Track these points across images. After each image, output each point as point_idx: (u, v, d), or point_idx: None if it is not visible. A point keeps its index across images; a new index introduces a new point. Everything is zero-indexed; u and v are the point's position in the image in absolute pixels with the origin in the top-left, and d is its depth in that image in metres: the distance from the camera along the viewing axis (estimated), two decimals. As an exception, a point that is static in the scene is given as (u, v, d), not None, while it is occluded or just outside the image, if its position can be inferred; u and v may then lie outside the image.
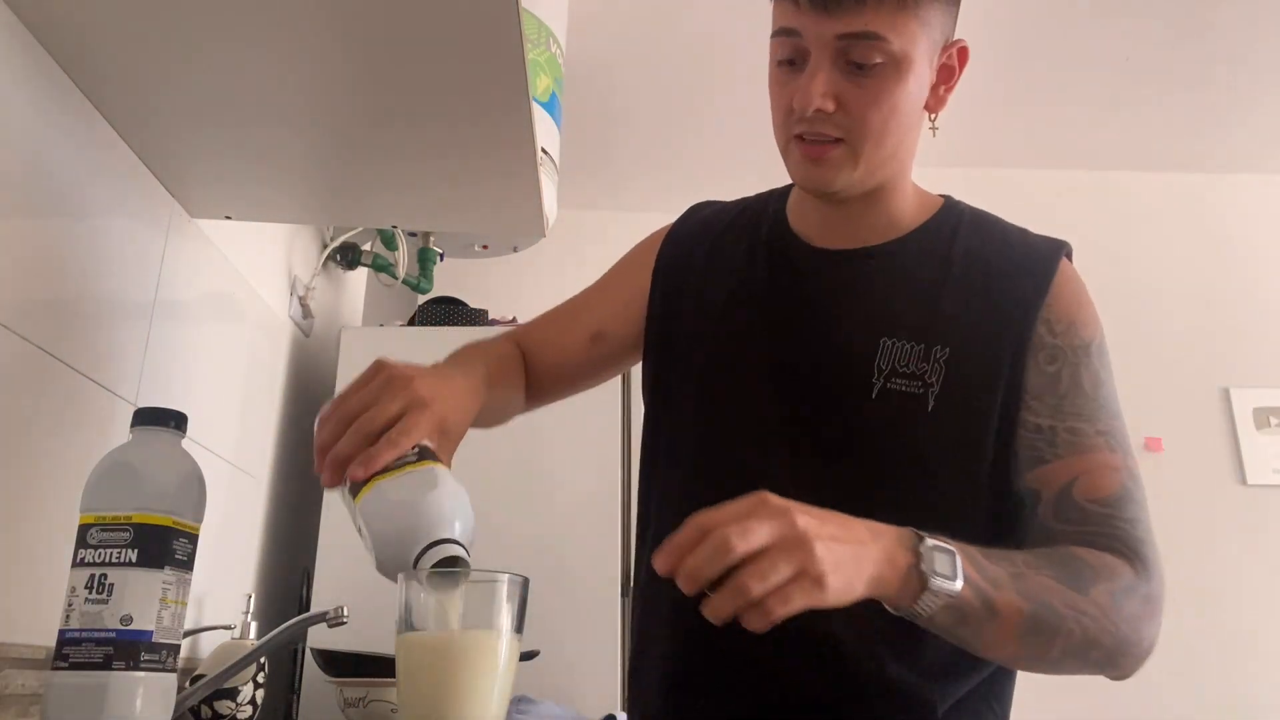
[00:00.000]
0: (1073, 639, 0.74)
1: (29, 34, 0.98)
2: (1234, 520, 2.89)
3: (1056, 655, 0.75)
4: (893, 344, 0.86)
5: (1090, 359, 0.87)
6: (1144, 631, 0.78)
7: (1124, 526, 0.81)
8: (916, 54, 0.83)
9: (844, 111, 0.83)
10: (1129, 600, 0.77)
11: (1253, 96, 2.89)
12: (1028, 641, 0.74)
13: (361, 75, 1.03)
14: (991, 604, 0.71)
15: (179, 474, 0.78)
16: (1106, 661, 0.77)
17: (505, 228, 1.48)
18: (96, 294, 1.14)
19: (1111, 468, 0.83)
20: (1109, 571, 0.77)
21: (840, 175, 0.87)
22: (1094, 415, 0.85)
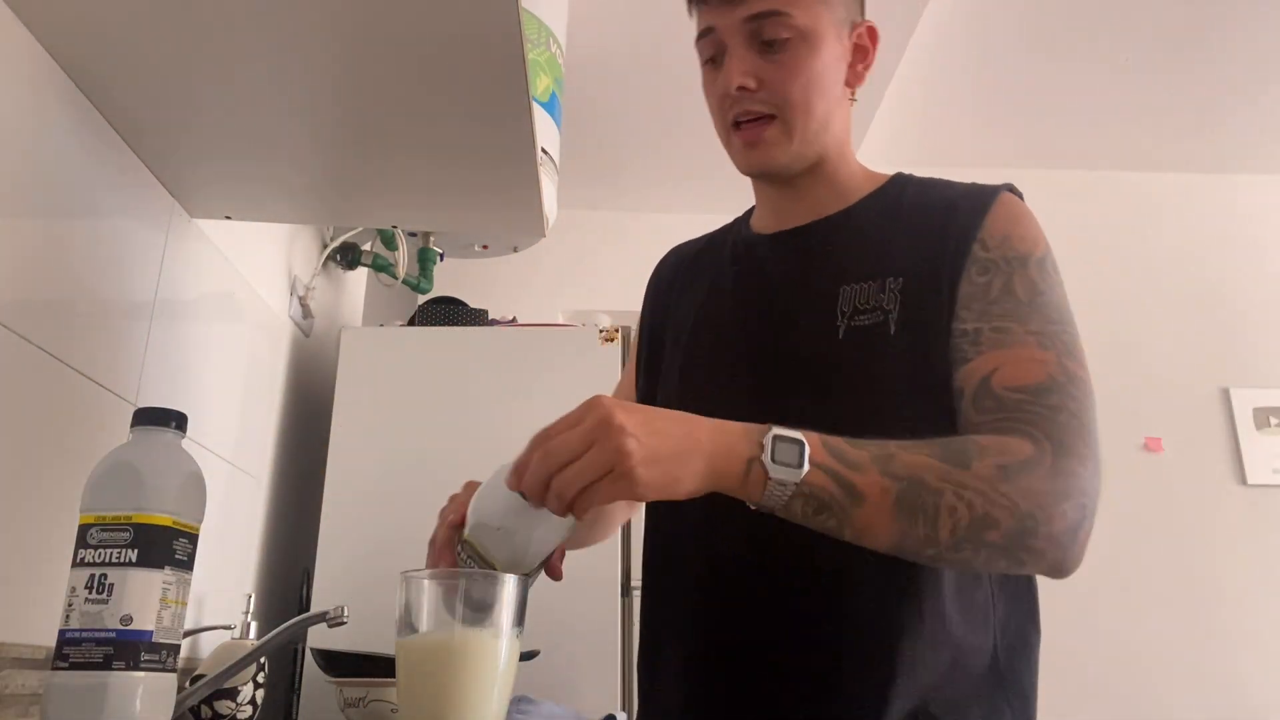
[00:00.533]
0: (958, 516, 0.70)
1: (30, 35, 0.98)
2: (1234, 520, 2.89)
3: (949, 538, 0.70)
4: (851, 288, 0.89)
5: (1027, 269, 0.85)
6: (1055, 508, 0.72)
7: (1041, 412, 0.76)
8: (822, 28, 0.91)
9: (767, 88, 0.90)
10: (1026, 475, 0.72)
11: (1252, 96, 2.89)
12: (906, 523, 0.70)
13: (362, 76, 1.03)
14: (852, 486, 0.70)
15: (179, 474, 0.78)
16: (1015, 545, 0.71)
17: (505, 228, 1.48)
18: (96, 294, 1.14)
19: (1038, 360, 0.79)
20: (1000, 448, 0.74)
21: (779, 150, 0.92)
22: (1025, 318, 0.82)
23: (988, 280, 0.85)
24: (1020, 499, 0.71)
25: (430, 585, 0.70)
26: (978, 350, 0.82)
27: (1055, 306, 0.84)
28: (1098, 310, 3.11)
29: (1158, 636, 2.77)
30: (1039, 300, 0.84)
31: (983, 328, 0.82)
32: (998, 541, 0.71)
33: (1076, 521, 0.73)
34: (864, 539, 0.73)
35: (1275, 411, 2.99)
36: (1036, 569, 0.75)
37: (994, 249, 0.86)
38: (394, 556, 1.55)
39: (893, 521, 0.71)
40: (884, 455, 0.71)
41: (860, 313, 0.88)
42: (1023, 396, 0.77)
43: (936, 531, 0.71)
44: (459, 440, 1.78)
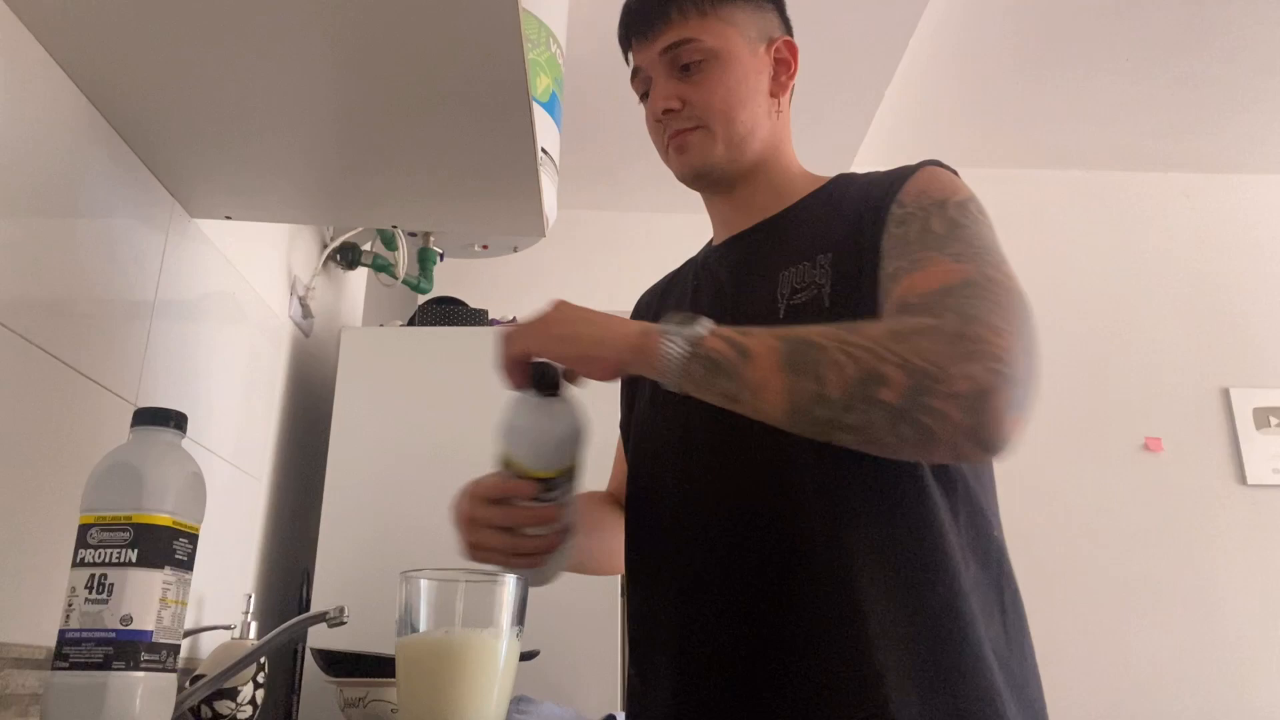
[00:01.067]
0: (845, 371, 0.69)
1: (30, 35, 0.98)
2: (1234, 520, 2.89)
3: (840, 395, 0.69)
4: (788, 271, 0.93)
5: (946, 211, 0.85)
6: (954, 367, 0.67)
7: (948, 301, 0.73)
8: (732, 47, 0.99)
9: (689, 105, 0.99)
10: (921, 337, 0.70)
11: (1252, 96, 2.89)
12: (794, 377, 0.70)
13: (362, 76, 1.03)
14: (743, 346, 0.73)
15: (179, 474, 0.78)
16: (913, 405, 0.67)
17: (505, 228, 1.47)
18: (96, 294, 1.14)
19: (953, 270, 0.77)
20: (894, 319, 0.74)
21: (706, 151, 0.99)
22: (944, 245, 0.81)
23: (905, 229, 0.86)
24: (912, 356, 0.68)
25: (430, 585, 0.70)
26: (896, 284, 0.81)
27: (979, 236, 0.82)
28: (1098, 310, 3.11)
29: (1157, 636, 2.77)
30: (959, 232, 0.82)
31: (903, 265, 0.82)
32: (892, 401, 0.67)
33: (989, 385, 0.66)
34: (760, 402, 0.73)
35: (1275, 411, 2.99)
36: (951, 442, 0.68)
37: (910, 204, 0.88)
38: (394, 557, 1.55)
39: (781, 376, 0.71)
40: (776, 331, 0.75)
41: (797, 291, 0.91)
42: (932, 296, 0.75)
43: (824, 387, 0.69)
44: (459, 440, 1.78)
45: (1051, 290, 3.11)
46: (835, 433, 0.71)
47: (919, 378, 0.67)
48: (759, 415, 0.74)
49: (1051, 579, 2.78)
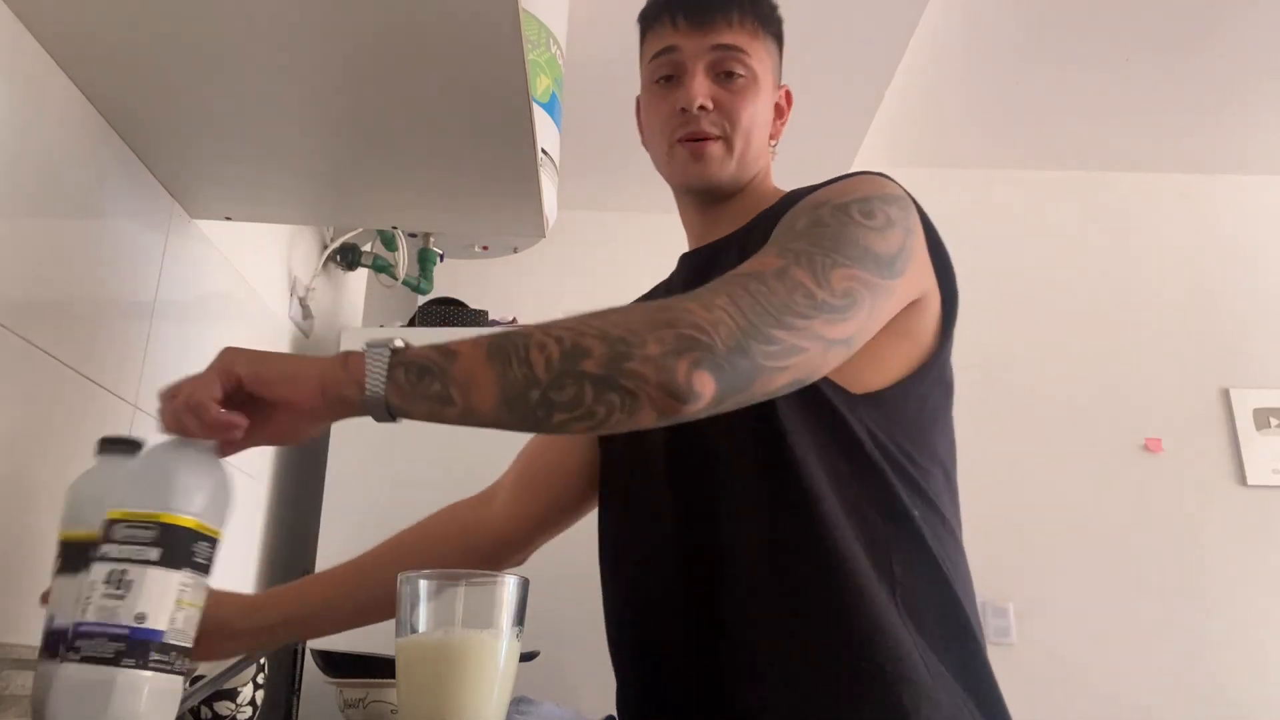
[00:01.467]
0: (549, 350, 0.70)
1: (30, 36, 0.98)
2: (1234, 520, 2.89)
3: (547, 375, 0.70)
4: None
5: (819, 211, 0.85)
6: (651, 334, 0.70)
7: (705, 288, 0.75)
8: (764, 77, 1.01)
9: (719, 111, 0.98)
10: (620, 312, 0.73)
11: (1253, 97, 2.89)
12: (501, 366, 0.70)
13: (362, 76, 1.03)
14: (446, 347, 0.72)
15: (211, 479, 0.76)
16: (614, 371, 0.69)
17: (505, 228, 1.48)
18: (96, 294, 1.14)
19: (761, 263, 0.79)
20: (601, 309, 0.74)
21: (720, 168, 0.99)
22: (789, 241, 0.81)
23: (788, 223, 0.86)
24: (610, 328, 0.71)
25: (430, 586, 0.70)
26: None
27: (832, 238, 0.81)
28: (1098, 311, 3.11)
29: (1156, 637, 2.77)
30: (815, 230, 0.82)
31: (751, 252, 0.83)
32: (595, 371, 0.69)
33: (679, 346, 0.70)
34: (471, 397, 0.71)
35: (1275, 412, 2.99)
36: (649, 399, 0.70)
37: (799, 207, 0.88)
38: (394, 557, 1.54)
39: (489, 367, 0.70)
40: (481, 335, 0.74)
41: None
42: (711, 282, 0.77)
43: (532, 369, 0.70)
44: (459, 441, 1.78)
45: (1051, 290, 3.11)
46: (551, 413, 0.71)
47: (615, 345, 0.70)
48: (471, 415, 0.72)
49: (1051, 579, 2.78)
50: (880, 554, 0.84)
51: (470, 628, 0.69)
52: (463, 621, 0.69)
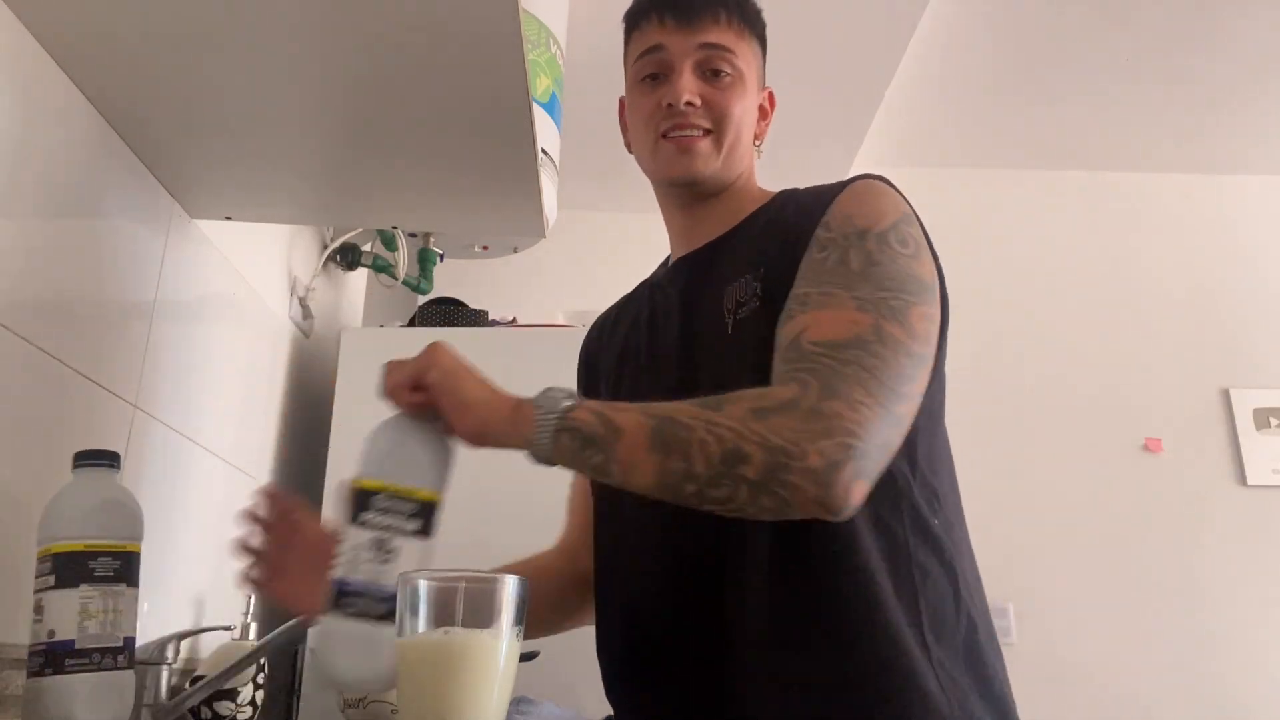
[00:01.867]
0: (710, 450, 0.73)
1: (30, 36, 0.98)
2: (1234, 520, 2.89)
3: (705, 471, 0.73)
4: (733, 286, 0.94)
5: (865, 243, 0.86)
6: (810, 445, 0.72)
7: (829, 363, 0.77)
8: (749, 77, 1.01)
9: (707, 107, 0.98)
10: (779, 415, 0.74)
11: (1253, 96, 2.89)
12: (662, 455, 0.74)
13: (362, 76, 1.03)
14: (611, 422, 0.76)
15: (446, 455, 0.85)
16: (771, 479, 0.72)
17: (505, 228, 1.48)
18: (96, 294, 1.14)
19: (851, 320, 0.80)
20: (759, 395, 0.77)
21: (707, 163, 0.99)
22: (854, 285, 0.83)
23: (825, 255, 0.87)
24: (770, 434, 0.73)
25: (430, 586, 0.70)
26: (803, 310, 0.84)
27: (891, 276, 0.84)
28: (1098, 311, 3.11)
29: (1156, 637, 2.77)
30: (872, 270, 0.84)
31: (811, 292, 0.85)
32: (752, 477, 0.73)
33: (837, 460, 0.72)
34: (630, 476, 0.76)
35: (1275, 412, 2.99)
36: (803, 507, 0.74)
37: (835, 228, 0.89)
38: (394, 557, 1.54)
39: (650, 454, 0.75)
40: (646, 407, 0.77)
41: (741, 306, 0.93)
42: (821, 350, 0.79)
43: (691, 465, 0.74)
44: (459, 441, 1.78)
45: (1051, 290, 3.11)
46: (702, 504, 0.76)
47: (776, 455, 0.73)
48: (627, 487, 0.78)
49: (1051, 579, 2.78)
50: (902, 567, 0.84)
51: (470, 628, 0.69)
52: (463, 621, 0.69)
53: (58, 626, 0.83)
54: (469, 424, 0.79)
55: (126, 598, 0.87)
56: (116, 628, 0.85)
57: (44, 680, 0.82)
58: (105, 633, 0.84)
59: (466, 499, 1.81)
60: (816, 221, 0.91)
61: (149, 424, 1.26)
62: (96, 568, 0.84)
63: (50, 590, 0.84)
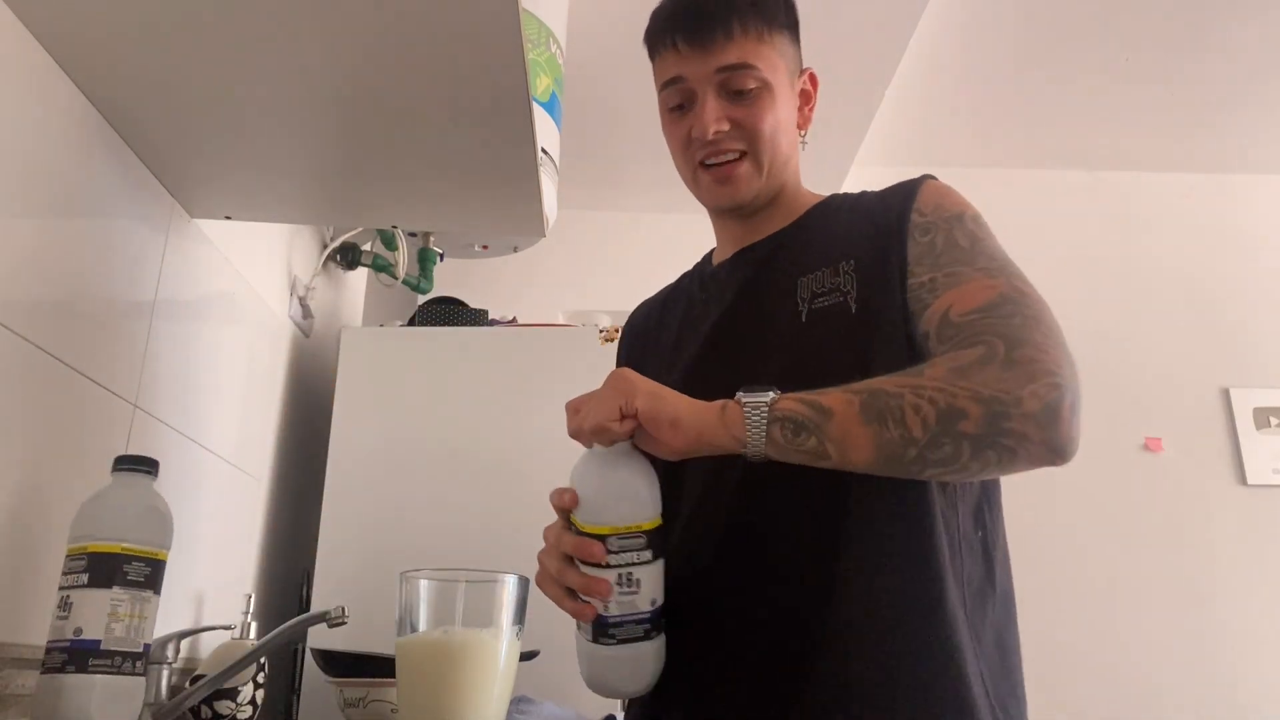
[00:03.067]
0: (924, 412, 0.74)
1: (30, 36, 0.98)
2: (1234, 520, 2.89)
3: (924, 434, 0.74)
4: (808, 278, 0.95)
5: (964, 224, 0.90)
6: (1021, 390, 0.74)
7: (993, 321, 0.79)
8: (779, 80, 0.98)
9: (738, 128, 0.97)
10: (979, 369, 0.75)
11: (1253, 96, 2.89)
12: (878, 426, 0.75)
13: (362, 76, 1.03)
14: (819, 404, 0.76)
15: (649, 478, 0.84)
16: (993, 430, 0.73)
17: (505, 228, 1.47)
18: (96, 294, 1.14)
19: (988, 286, 0.83)
20: (951, 357, 0.78)
21: (748, 186, 0.99)
22: (971, 259, 0.87)
23: (930, 238, 0.90)
24: (981, 387, 0.74)
25: (430, 585, 0.70)
26: (935, 295, 0.86)
27: (996, 250, 0.89)
28: (1098, 310, 3.11)
29: (1156, 637, 2.77)
30: (980, 246, 0.89)
31: (936, 276, 0.87)
32: (973, 431, 0.74)
33: (1054, 399, 0.74)
34: (848, 454, 0.77)
35: (1275, 411, 2.99)
36: (1031, 455, 0.75)
37: (929, 213, 0.92)
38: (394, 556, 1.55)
39: (864, 427, 0.75)
40: (846, 386, 0.78)
41: (818, 296, 0.93)
42: (976, 315, 0.81)
43: (908, 430, 0.74)
44: (459, 440, 1.78)
45: (1051, 290, 3.07)
46: (925, 469, 0.77)
47: (992, 405, 0.73)
48: (845, 466, 0.78)
49: (1051, 579, 2.78)
50: (958, 571, 0.85)
51: (470, 627, 0.69)
52: (463, 621, 0.69)
53: (85, 625, 0.83)
54: (684, 438, 0.79)
55: (151, 604, 0.88)
56: (139, 633, 0.86)
57: (65, 677, 0.82)
58: (129, 637, 0.85)
59: (466, 498, 1.81)
60: (902, 216, 0.93)
61: (149, 424, 1.26)
62: (130, 571, 0.85)
63: (82, 588, 0.84)
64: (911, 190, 0.95)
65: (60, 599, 0.85)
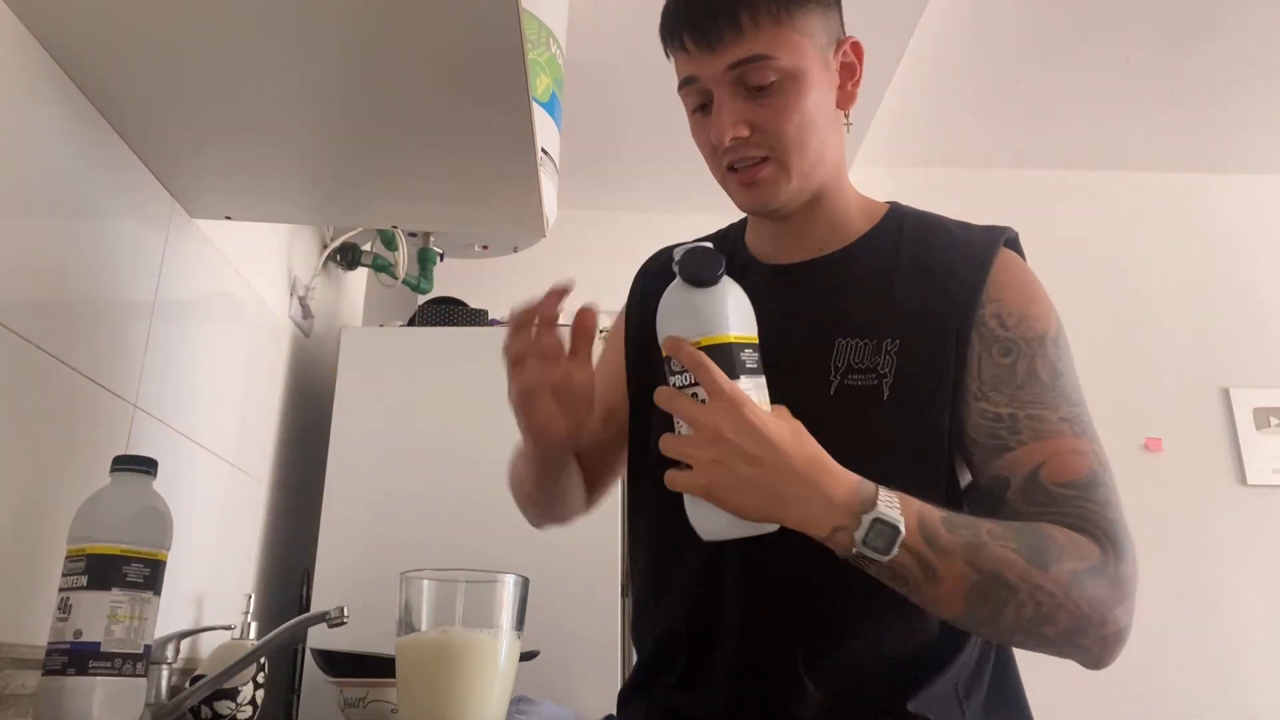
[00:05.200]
0: (1024, 613, 0.74)
1: (31, 36, 0.98)
2: (1234, 520, 2.89)
3: (1010, 625, 0.75)
4: (846, 343, 0.90)
5: (1046, 351, 0.88)
6: (1110, 613, 0.76)
7: (1094, 508, 0.80)
8: (806, 63, 0.89)
9: (759, 132, 0.89)
10: (1094, 581, 0.76)
11: (1252, 97, 2.89)
12: (974, 607, 0.74)
13: (362, 76, 1.03)
14: (933, 570, 0.73)
15: None
16: (1065, 640, 0.76)
17: (505, 228, 1.48)
18: (96, 294, 1.14)
19: (1078, 452, 0.83)
20: (1075, 550, 0.77)
21: (778, 190, 0.91)
22: (1054, 403, 0.85)
23: (1012, 362, 0.87)
24: (1084, 604, 0.75)
25: (430, 585, 0.70)
26: (1018, 440, 0.84)
27: (1074, 387, 0.87)
28: (1098, 310, 3.11)
29: (1156, 636, 2.77)
30: (1060, 383, 0.87)
31: (1018, 414, 0.85)
32: (1052, 636, 0.76)
33: (1124, 627, 0.78)
34: (930, 609, 0.77)
35: (1275, 411, 2.99)
36: (1077, 660, 0.79)
37: (1012, 328, 0.88)
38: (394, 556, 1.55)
39: (961, 604, 0.75)
40: (974, 545, 0.74)
41: (854, 371, 0.89)
42: (1074, 493, 0.81)
43: (999, 619, 0.75)
44: (459, 440, 1.78)
45: (1050, 290, 3.11)
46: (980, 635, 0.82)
47: (1081, 622, 0.75)
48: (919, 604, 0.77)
49: (1051, 579, 2.78)
50: None
51: (470, 627, 0.69)
52: (463, 621, 0.69)
53: (85, 627, 0.83)
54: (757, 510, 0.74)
55: (151, 605, 0.87)
56: (140, 634, 0.86)
57: (65, 680, 0.82)
58: (129, 638, 0.85)
59: (467, 498, 1.80)
60: (973, 303, 0.88)
61: (149, 423, 1.26)
62: (129, 573, 0.85)
63: (81, 590, 0.84)
64: (984, 263, 0.90)
65: (60, 601, 0.85)
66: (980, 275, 0.89)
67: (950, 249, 0.93)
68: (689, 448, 0.72)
